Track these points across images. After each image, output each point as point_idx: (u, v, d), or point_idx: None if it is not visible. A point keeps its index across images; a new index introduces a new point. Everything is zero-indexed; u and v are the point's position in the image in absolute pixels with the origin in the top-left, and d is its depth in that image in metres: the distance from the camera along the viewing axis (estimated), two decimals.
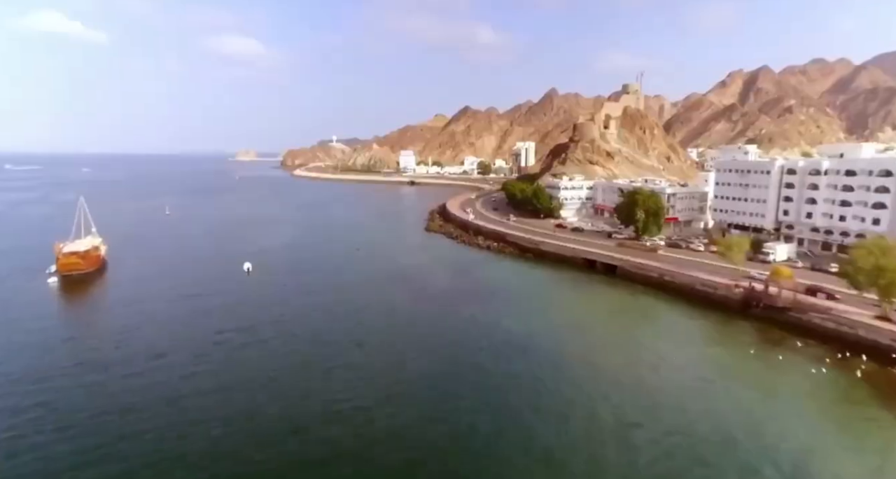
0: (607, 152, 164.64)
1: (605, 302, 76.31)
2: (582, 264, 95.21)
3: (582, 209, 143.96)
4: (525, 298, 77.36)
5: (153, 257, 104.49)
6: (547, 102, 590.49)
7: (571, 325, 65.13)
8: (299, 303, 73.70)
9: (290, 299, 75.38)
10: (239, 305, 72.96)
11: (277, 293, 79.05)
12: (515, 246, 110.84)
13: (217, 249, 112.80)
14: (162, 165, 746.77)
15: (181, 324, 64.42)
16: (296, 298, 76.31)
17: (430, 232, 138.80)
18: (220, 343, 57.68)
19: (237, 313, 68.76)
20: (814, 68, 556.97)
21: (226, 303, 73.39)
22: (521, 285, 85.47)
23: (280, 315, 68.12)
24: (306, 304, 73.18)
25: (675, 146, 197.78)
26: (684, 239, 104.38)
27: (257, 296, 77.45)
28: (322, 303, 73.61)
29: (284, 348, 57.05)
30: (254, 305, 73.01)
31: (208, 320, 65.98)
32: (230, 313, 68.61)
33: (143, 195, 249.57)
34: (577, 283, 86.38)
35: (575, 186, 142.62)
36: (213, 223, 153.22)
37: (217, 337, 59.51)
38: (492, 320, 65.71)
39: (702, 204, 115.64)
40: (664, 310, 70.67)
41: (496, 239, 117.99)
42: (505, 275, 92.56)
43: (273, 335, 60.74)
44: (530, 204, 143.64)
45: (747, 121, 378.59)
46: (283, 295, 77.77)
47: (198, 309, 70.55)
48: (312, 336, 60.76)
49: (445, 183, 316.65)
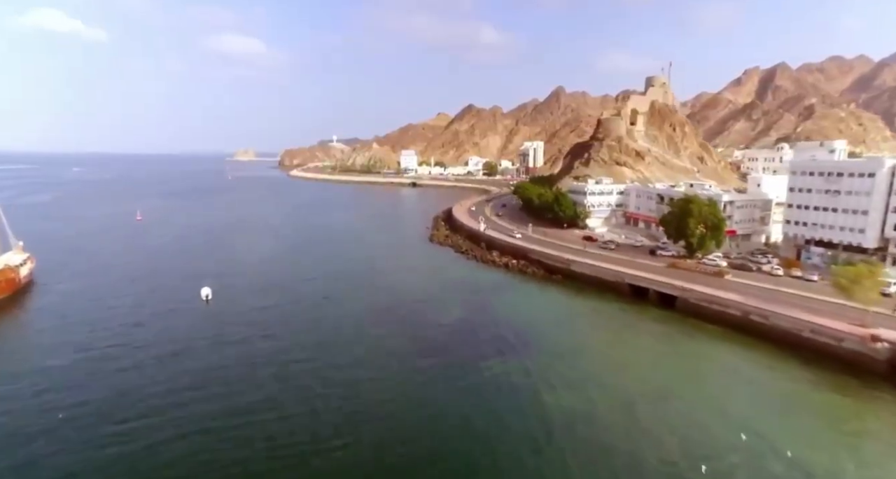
0: (636, 152, 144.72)
1: (672, 353, 56.42)
2: (627, 291, 75.50)
3: (611, 218, 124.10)
4: (564, 347, 57.46)
5: (95, 278, 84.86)
6: (554, 101, 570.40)
7: (636, 396, 45.25)
8: (264, 355, 54.00)
9: (253, 350, 55.66)
10: (182, 356, 53.50)
11: (236, 336, 59.40)
12: (540, 265, 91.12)
13: (179, 266, 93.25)
14: (158, 164, 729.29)
15: (93, 394, 44.76)
16: (260, 346, 56.61)
17: (434, 243, 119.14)
18: (140, 431, 38.06)
19: (177, 371, 49.54)
20: (831, 66, 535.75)
21: (163, 355, 53.72)
22: (555, 325, 65.61)
23: (235, 377, 48.50)
24: (272, 355, 53.51)
25: (707, 146, 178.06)
26: (750, 258, 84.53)
27: (209, 341, 57.81)
28: (293, 355, 53.99)
29: (235, 438, 37.47)
30: (202, 357, 53.59)
31: (134, 383, 46.48)
32: (166, 372, 49.24)
33: (122, 197, 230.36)
34: (627, 320, 66.57)
35: (604, 191, 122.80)
36: (186, 231, 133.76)
37: (134, 423, 39.87)
38: (523, 389, 46.07)
39: (764, 214, 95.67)
40: (762, 370, 50.70)
41: (515, 255, 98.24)
42: (531, 308, 72.81)
43: (221, 414, 41.12)
44: (550, 211, 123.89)
45: (769, 120, 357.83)
46: (244, 341, 58.05)
47: (123, 364, 51.07)
48: (276, 419, 40.99)
49: (449, 185, 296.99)
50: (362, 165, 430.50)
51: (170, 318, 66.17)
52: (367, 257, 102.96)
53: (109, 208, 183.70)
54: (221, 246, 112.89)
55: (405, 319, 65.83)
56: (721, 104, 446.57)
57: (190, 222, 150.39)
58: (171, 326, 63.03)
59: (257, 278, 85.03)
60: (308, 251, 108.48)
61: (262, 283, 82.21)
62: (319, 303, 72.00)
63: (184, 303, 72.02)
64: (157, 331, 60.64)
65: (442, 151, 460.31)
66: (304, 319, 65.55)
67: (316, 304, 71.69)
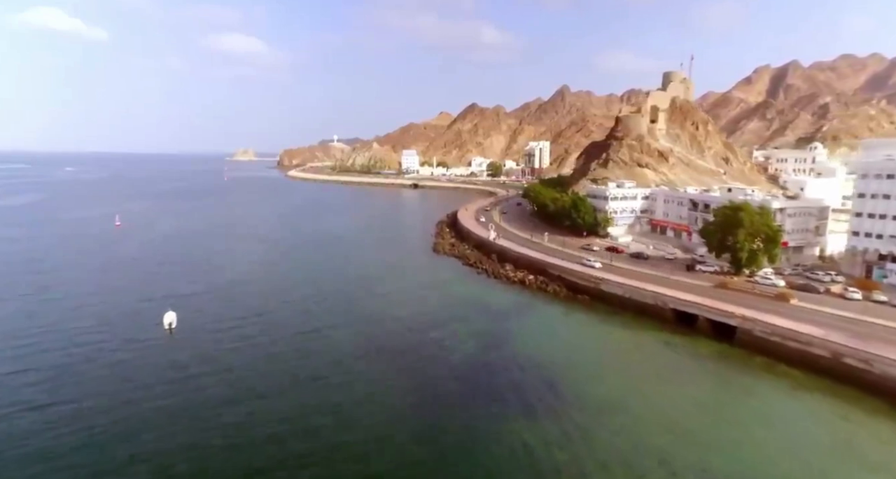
0: (659, 152, 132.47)
1: (744, 408, 44.05)
2: (671, 317, 63.27)
3: (635, 225, 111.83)
4: (603, 398, 45.14)
5: (41, 300, 72.57)
6: (559, 100, 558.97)
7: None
8: (225, 414, 41.81)
9: (212, 405, 43.46)
10: (135, 405, 41.49)
11: (196, 382, 47.32)
12: (562, 282, 78.89)
13: (146, 283, 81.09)
14: (156, 164, 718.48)
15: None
16: (222, 397, 44.45)
17: (438, 254, 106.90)
18: None
19: (128, 425, 37.63)
20: (843, 64, 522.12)
21: (94, 415, 41.56)
22: (587, 365, 53.36)
23: (181, 447, 36.35)
24: (234, 414, 41.34)
25: (732, 146, 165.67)
26: (810, 275, 72.26)
27: (161, 389, 45.74)
28: (261, 415, 41.80)
29: None
30: (158, 405, 41.70)
31: (73, 442, 34.40)
32: (115, 427, 37.30)
33: (108, 199, 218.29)
34: (676, 358, 54.26)
35: (626, 196, 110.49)
36: (165, 240, 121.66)
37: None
38: (556, 467, 33.83)
39: (819, 223, 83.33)
40: (882, 445, 38.42)
41: (532, 269, 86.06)
42: (557, 340, 60.52)
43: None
44: (567, 218, 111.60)
45: (785, 119, 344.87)
46: (204, 391, 45.88)
47: (47, 427, 38.95)
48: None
49: (452, 186, 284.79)
50: (362, 166, 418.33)
51: (124, 351, 54.29)
52: (363, 273, 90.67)
53: (90, 212, 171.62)
54: (199, 258, 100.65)
55: (405, 358, 53.54)
56: (733, 103, 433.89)
57: (172, 229, 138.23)
58: (122, 363, 51.13)
59: (234, 300, 72.73)
60: (296, 266, 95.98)
61: (238, 306, 69.92)
62: (303, 336, 59.61)
63: (141, 333, 59.94)
64: (98, 375, 48.54)
65: (444, 151, 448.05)
66: (281, 359, 53.27)
67: (298, 337, 59.33)
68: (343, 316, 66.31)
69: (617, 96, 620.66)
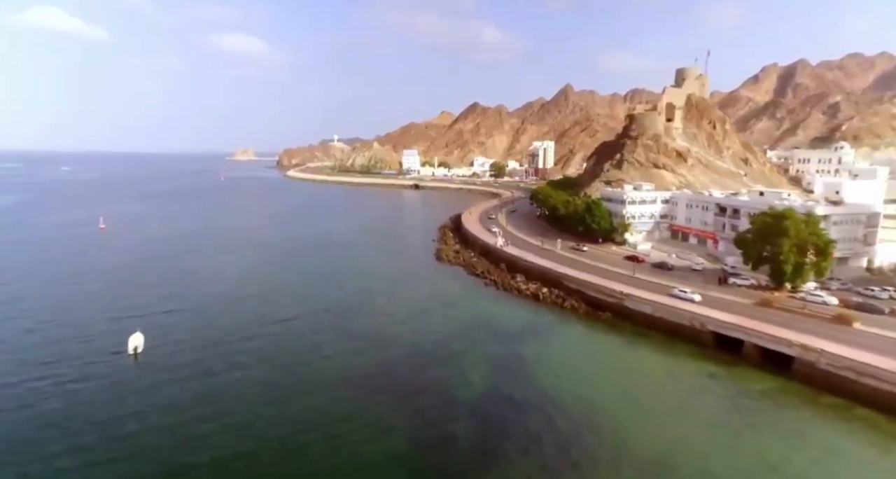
0: (677, 152, 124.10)
1: (818, 468, 35.88)
2: (711, 341, 55.07)
3: (654, 231, 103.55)
4: (642, 452, 36.92)
5: (6, 313, 64.59)
6: (562, 99, 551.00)
7: None
8: (194, 451, 33.62)
9: (178, 448, 35.23)
10: (87, 450, 33.30)
11: (161, 417, 39.20)
12: (580, 297, 70.62)
13: (116, 297, 72.88)
14: (154, 164, 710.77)
15: None
16: (190, 439, 36.21)
17: (442, 262, 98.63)
18: None
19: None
20: (851, 63, 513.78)
21: (46, 455, 33.39)
22: (618, 404, 44.88)
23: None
24: (206, 449, 33.23)
25: (751, 146, 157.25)
26: (864, 291, 63.97)
27: (130, 422, 37.67)
28: (241, 454, 33.69)
29: None
30: (118, 446, 33.43)
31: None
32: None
33: (98, 200, 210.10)
34: (723, 395, 45.88)
35: (645, 200, 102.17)
36: (149, 245, 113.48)
37: None
38: None
39: (868, 231, 74.95)
40: None
41: (546, 282, 77.82)
42: (579, 369, 52.17)
43: None
44: (580, 223, 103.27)
45: (796, 118, 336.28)
46: (172, 425, 37.71)
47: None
48: None
49: (455, 187, 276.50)
50: (362, 166, 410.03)
51: (78, 381, 46.33)
52: (361, 285, 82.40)
53: (75, 214, 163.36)
54: (181, 267, 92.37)
55: (407, 394, 45.31)
56: (740, 102, 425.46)
57: (158, 233, 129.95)
58: (70, 399, 43.07)
59: (214, 319, 64.43)
60: (287, 277, 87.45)
61: (216, 325, 61.72)
62: (289, 367, 51.24)
63: (103, 357, 51.98)
64: (31, 417, 40.36)
65: (446, 150, 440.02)
66: (261, 395, 45.11)
67: (283, 368, 50.99)
68: (338, 341, 58.00)
69: (620, 96, 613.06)
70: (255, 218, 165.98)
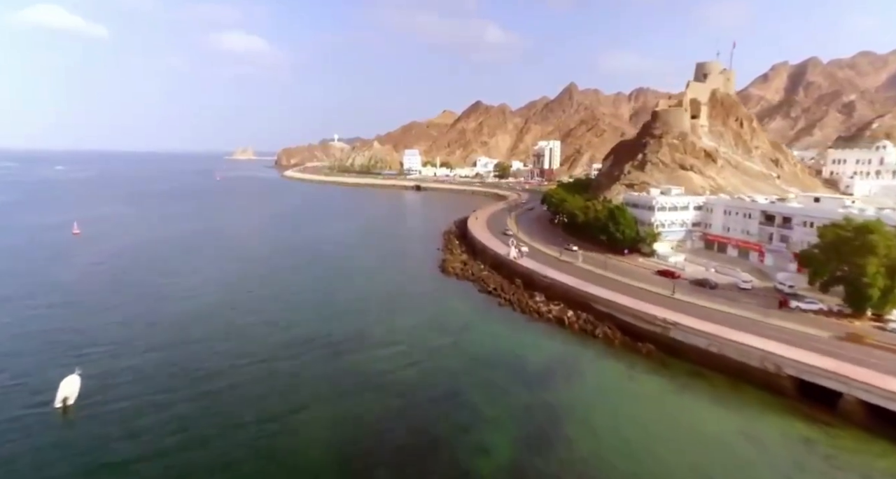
0: (706, 152, 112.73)
1: None
2: (791, 388, 43.82)
3: (686, 241, 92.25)
4: None
5: None
6: (566, 98, 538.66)
7: None
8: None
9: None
10: None
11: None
12: (613, 323, 59.37)
13: (61, 326, 61.59)
14: (152, 163, 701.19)
15: None
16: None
17: (448, 275, 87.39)
18: None
19: None
20: (863, 61, 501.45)
21: None
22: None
23: None
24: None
25: (780, 145, 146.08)
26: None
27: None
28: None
29: None
30: None
31: None
32: None
33: (81, 201, 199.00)
34: (837, 474, 34.68)
35: (677, 206, 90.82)
36: (121, 254, 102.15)
37: None
38: None
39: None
40: None
41: (571, 302, 66.57)
42: (627, 428, 40.62)
43: None
44: (603, 231, 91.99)
45: (812, 117, 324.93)
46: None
47: None
48: None
49: (458, 188, 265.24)
50: (362, 166, 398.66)
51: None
52: (355, 307, 71.03)
53: (52, 216, 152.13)
54: (151, 284, 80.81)
55: (411, 463, 34.05)
56: (751, 101, 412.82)
57: (135, 240, 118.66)
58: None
59: (172, 355, 52.86)
60: (270, 296, 75.57)
61: (176, 365, 50.28)
62: (261, 425, 40.00)
63: (21, 411, 40.74)
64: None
65: (448, 150, 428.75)
66: (209, 464, 33.89)
67: (255, 426, 39.74)
68: (325, 384, 46.66)
69: (625, 95, 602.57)
70: (244, 223, 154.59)
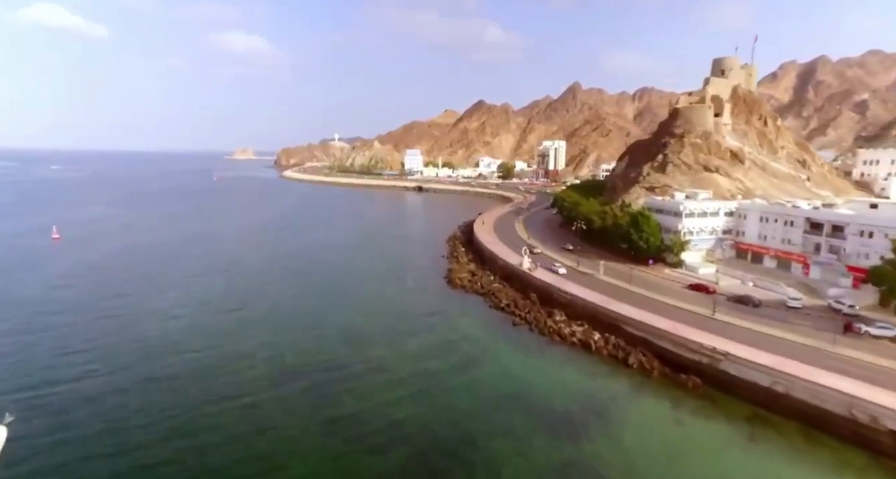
0: (732, 153, 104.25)
1: None
2: (890, 445, 35.40)
3: (716, 250, 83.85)
4: None
5: None
6: (569, 98, 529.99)
7: None
8: None
9: None
10: None
11: None
12: (647, 348, 51.06)
13: (8, 351, 53.50)
14: (150, 163, 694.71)
15: None
16: None
17: (455, 288, 79.09)
18: None
19: None
20: (873, 60, 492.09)
21: None
22: None
23: None
24: None
25: (807, 145, 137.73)
26: None
27: None
28: None
29: None
30: None
31: None
32: None
33: (69, 203, 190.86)
34: None
35: (707, 211, 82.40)
36: (97, 265, 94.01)
37: None
38: None
39: None
40: None
41: (596, 323, 58.25)
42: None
43: None
44: (625, 239, 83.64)
45: (825, 116, 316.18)
46: None
47: None
48: None
49: (461, 189, 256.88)
50: (362, 166, 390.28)
51: None
52: (350, 330, 62.81)
53: (33, 219, 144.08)
54: (119, 302, 71.86)
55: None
56: (763, 100, 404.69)
57: (117, 245, 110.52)
58: None
59: (132, 395, 44.48)
60: (255, 316, 66.73)
61: (133, 409, 41.90)
62: None
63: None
64: None
65: (450, 150, 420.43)
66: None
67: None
68: (310, 437, 38.28)
69: (629, 94, 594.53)
70: (237, 227, 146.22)
